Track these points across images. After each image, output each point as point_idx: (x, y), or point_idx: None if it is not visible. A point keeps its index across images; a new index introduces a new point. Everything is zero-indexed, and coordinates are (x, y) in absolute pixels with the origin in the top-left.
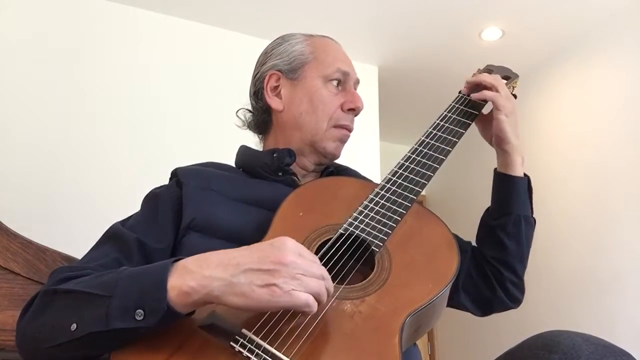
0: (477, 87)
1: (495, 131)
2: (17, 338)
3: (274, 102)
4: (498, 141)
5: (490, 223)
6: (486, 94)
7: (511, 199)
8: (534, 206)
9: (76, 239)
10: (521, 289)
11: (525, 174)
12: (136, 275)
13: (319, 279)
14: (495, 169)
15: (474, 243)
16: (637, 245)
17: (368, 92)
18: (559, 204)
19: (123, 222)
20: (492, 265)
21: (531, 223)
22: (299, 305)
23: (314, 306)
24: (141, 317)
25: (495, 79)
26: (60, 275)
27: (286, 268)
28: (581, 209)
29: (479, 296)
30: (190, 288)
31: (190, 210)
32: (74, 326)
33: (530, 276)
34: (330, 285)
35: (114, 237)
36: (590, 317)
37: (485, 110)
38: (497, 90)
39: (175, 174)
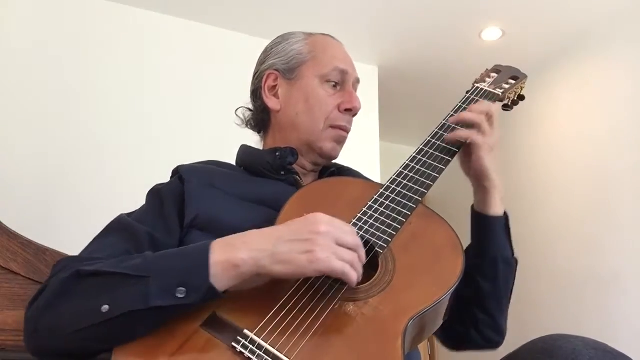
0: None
1: (475, 167)
2: (27, 330)
3: (271, 102)
4: (478, 177)
5: (467, 262)
6: (459, 134)
7: (488, 239)
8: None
9: (76, 239)
10: (498, 331)
11: (505, 212)
12: (173, 256)
13: (352, 248)
14: (472, 206)
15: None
16: (637, 245)
17: (368, 92)
18: (558, 204)
19: (128, 215)
20: (466, 305)
21: (510, 263)
22: (337, 272)
23: (351, 274)
24: (183, 295)
25: (477, 114)
26: (73, 264)
27: (322, 237)
28: (581, 209)
29: (451, 331)
30: (241, 260)
31: (193, 207)
32: (105, 307)
33: (531, 276)
34: (363, 254)
35: (122, 228)
36: (590, 317)
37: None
38: (478, 127)
39: (177, 171)
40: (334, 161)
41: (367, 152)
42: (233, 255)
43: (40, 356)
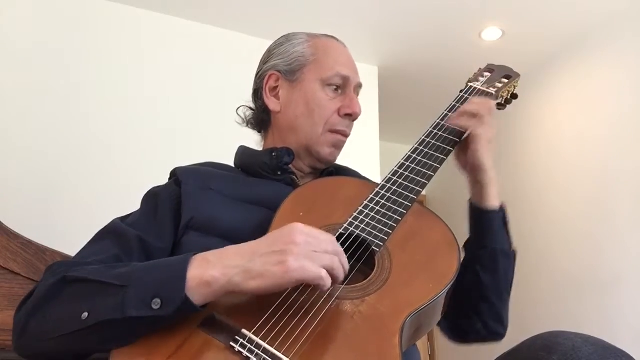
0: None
1: (472, 160)
2: (15, 332)
3: (271, 103)
4: (474, 171)
5: (467, 256)
6: (462, 122)
7: (486, 233)
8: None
9: (75, 239)
10: (501, 322)
11: (502, 205)
12: (153, 267)
13: (332, 254)
14: (470, 200)
15: None
16: (637, 245)
17: (368, 92)
18: (558, 204)
19: (123, 219)
20: (469, 298)
21: (509, 256)
22: (312, 278)
23: (327, 280)
24: (158, 307)
25: (479, 107)
26: (61, 269)
27: (297, 247)
28: (581, 209)
29: (456, 324)
30: (212, 277)
31: (189, 209)
32: (85, 315)
33: (531, 276)
34: (345, 260)
35: (114, 233)
36: (590, 317)
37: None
38: (480, 118)
39: (175, 173)
40: None
41: (367, 152)
42: (206, 272)
43: (26, 358)
